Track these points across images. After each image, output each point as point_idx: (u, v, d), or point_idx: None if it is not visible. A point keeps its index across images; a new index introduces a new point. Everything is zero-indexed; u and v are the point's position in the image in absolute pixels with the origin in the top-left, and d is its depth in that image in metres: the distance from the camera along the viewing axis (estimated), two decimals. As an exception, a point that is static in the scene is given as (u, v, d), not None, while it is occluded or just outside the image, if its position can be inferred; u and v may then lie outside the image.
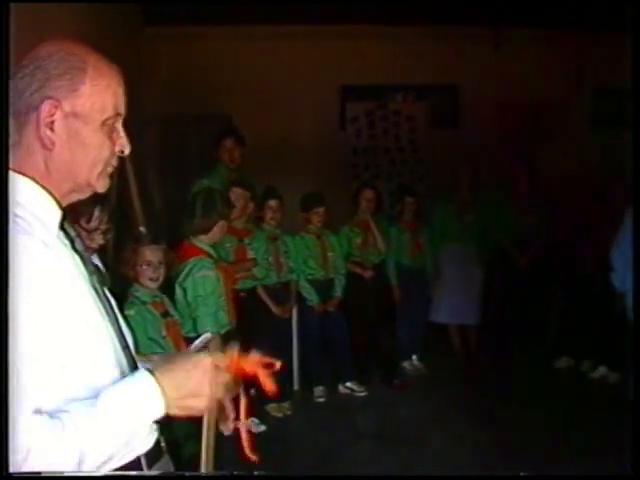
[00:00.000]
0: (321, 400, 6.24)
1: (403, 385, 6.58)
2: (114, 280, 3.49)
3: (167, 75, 8.46)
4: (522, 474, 1.93)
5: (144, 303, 3.85)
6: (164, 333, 3.83)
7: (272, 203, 6.02)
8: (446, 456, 4.98)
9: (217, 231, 4.44)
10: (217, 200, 4.47)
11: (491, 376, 6.62)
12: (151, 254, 3.91)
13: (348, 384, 6.41)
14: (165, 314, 3.93)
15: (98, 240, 3.24)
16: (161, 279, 3.98)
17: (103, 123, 1.54)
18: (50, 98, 1.47)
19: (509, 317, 7.34)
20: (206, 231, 4.43)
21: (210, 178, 5.88)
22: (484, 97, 8.87)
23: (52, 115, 1.47)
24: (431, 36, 8.61)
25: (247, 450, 1.85)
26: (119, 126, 1.59)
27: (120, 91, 1.58)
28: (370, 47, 8.71)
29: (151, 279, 3.90)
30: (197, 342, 2.97)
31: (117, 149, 1.60)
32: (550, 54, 8.61)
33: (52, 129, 1.48)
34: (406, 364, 7.01)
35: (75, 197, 1.60)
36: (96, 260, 3.40)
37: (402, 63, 8.73)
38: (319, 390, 6.29)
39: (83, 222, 3.13)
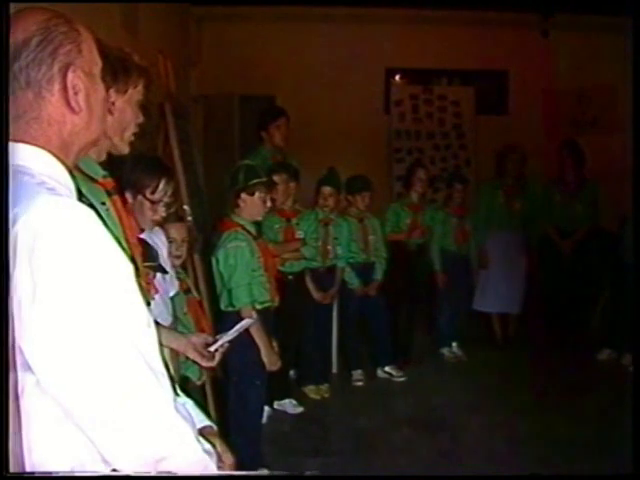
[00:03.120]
0: (359, 384, 6.23)
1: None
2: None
3: (213, 55, 8.48)
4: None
5: (168, 279, 3.86)
6: (185, 310, 3.84)
7: (326, 190, 5.99)
8: (482, 444, 4.95)
9: (244, 206, 4.40)
10: (240, 173, 4.44)
11: (531, 366, 6.57)
12: (175, 232, 3.91)
13: (387, 369, 6.39)
14: (187, 291, 3.94)
15: (161, 212, 3.22)
16: (183, 257, 4.00)
17: (100, 76, 1.57)
18: (70, 65, 1.47)
19: (552, 306, 7.28)
20: (236, 205, 4.42)
21: (251, 159, 5.86)
22: (532, 83, 8.78)
23: (73, 80, 1.48)
24: (479, 21, 8.54)
25: None
26: None
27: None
28: (417, 30, 8.67)
29: (174, 256, 3.91)
30: (236, 328, 2.99)
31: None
32: (599, 40, 8.48)
33: (76, 93, 1.49)
34: (445, 351, 6.97)
35: (78, 159, 1.61)
36: (160, 233, 3.43)
37: (449, 47, 8.67)
38: (357, 374, 6.28)
39: (148, 193, 3.13)
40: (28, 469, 1.34)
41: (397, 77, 9.29)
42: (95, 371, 1.32)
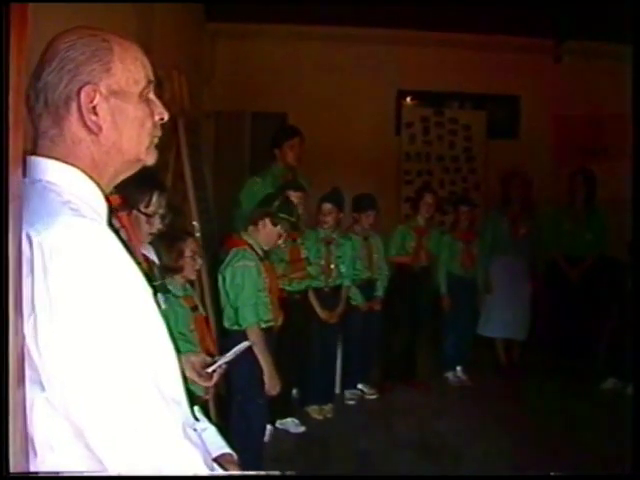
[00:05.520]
0: (352, 402, 6.26)
1: (423, 385, 6.66)
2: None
3: (226, 71, 8.52)
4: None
5: (176, 297, 3.86)
6: (192, 327, 3.85)
7: (325, 207, 6.00)
8: (484, 470, 4.91)
9: (262, 230, 4.43)
10: (277, 200, 4.49)
11: (534, 393, 6.52)
12: (195, 245, 3.97)
13: (359, 386, 6.44)
14: (194, 308, 3.95)
15: (157, 225, 3.20)
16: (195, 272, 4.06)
17: (140, 95, 1.55)
18: (87, 84, 1.46)
19: (557, 333, 7.25)
20: (254, 224, 4.44)
21: (263, 177, 5.89)
22: (543, 109, 8.79)
23: (92, 100, 1.47)
24: (492, 45, 8.56)
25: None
26: (152, 95, 1.59)
27: (145, 60, 1.58)
28: (429, 53, 8.69)
29: (194, 270, 3.97)
30: (234, 350, 2.99)
31: (157, 117, 1.60)
32: (612, 68, 8.48)
33: (96, 113, 1.47)
34: (449, 375, 6.95)
35: (118, 179, 1.60)
36: (151, 251, 3.42)
37: (461, 71, 8.67)
38: (350, 393, 6.34)
39: (142, 207, 3.11)
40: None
41: (408, 99, 9.29)
42: (106, 393, 1.33)
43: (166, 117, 1.63)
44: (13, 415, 1.23)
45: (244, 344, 3.27)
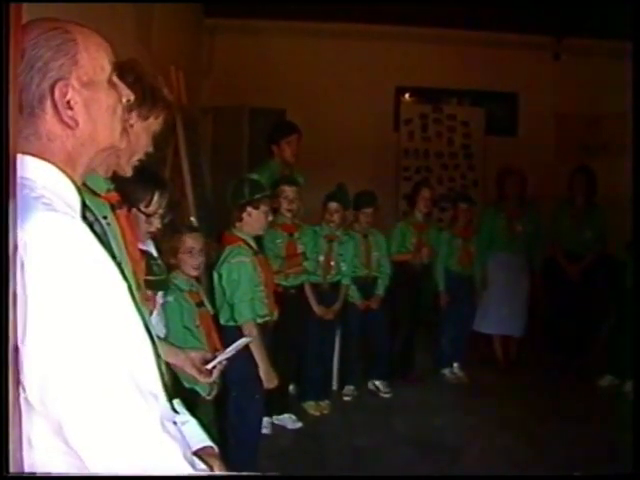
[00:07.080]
0: (347, 399, 6.23)
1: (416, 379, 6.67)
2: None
3: (224, 67, 8.51)
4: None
5: (181, 291, 3.88)
6: (197, 322, 3.85)
7: (332, 206, 6.01)
8: (481, 467, 4.91)
9: (249, 219, 4.40)
10: (244, 187, 4.44)
11: (531, 389, 6.53)
12: (193, 242, 3.95)
13: (376, 382, 6.41)
14: (200, 304, 3.95)
15: (156, 224, 3.20)
16: (201, 267, 4.04)
17: (108, 81, 1.55)
18: (59, 80, 1.45)
19: (555, 331, 7.26)
20: (239, 219, 4.42)
21: (260, 173, 5.86)
22: (542, 107, 8.79)
23: (66, 95, 1.46)
24: (491, 42, 8.57)
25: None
26: (116, 78, 1.59)
27: (106, 44, 1.57)
28: (428, 49, 8.69)
29: (193, 267, 3.95)
30: (233, 346, 3.00)
31: (124, 100, 1.61)
32: (611, 66, 8.48)
33: (71, 108, 1.47)
34: (446, 371, 6.94)
35: (91, 169, 1.60)
36: (151, 246, 3.42)
37: (460, 67, 8.68)
38: (349, 389, 6.30)
39: (142, 206, 3.11)
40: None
41: (407, 95, 9.31)
42: (82, 388, 1.33)
43: (132, 98, 1.64)
44: (12, 415, 1.24)
45: (244, 340, 3.28)
